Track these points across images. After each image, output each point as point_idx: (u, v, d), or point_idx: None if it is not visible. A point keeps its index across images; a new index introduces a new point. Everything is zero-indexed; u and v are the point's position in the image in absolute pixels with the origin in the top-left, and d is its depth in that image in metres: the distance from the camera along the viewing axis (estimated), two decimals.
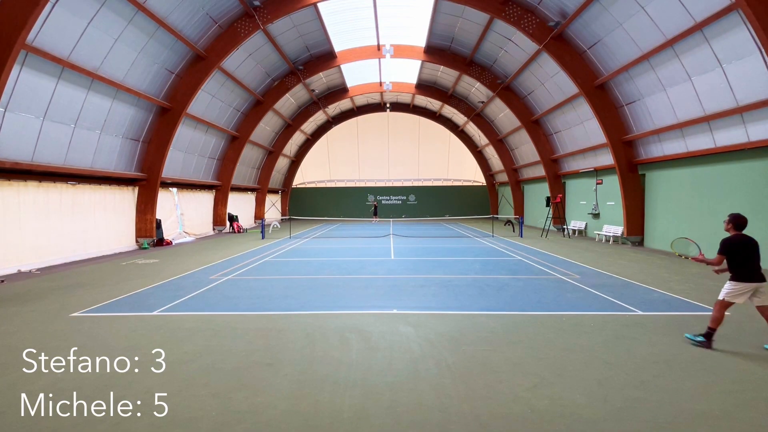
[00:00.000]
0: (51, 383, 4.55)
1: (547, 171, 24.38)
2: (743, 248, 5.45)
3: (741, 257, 5.43)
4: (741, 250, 5.44)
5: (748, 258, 5.42)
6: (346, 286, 9.64)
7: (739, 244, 5.47)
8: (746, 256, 5.42)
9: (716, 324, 5.52)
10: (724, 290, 5.53)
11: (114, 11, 12.61)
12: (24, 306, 7.99)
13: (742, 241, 5.48)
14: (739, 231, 5.60)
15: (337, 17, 20.70)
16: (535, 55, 19.43)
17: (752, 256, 5.43)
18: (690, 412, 3.92)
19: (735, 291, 5.45)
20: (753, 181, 11.93)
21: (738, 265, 5.45)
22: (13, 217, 11.89)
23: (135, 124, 16.23)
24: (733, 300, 5.47)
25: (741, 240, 5.50)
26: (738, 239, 5.52)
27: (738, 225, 5.60)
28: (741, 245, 5.46)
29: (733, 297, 5.46)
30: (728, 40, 11.10)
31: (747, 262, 5.41)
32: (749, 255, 5.42)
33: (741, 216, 5.63)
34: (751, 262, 5.42)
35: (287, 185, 37.75)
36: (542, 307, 7.69)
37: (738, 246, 5.47)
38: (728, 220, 5.69)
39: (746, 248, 5.44)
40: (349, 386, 4.48)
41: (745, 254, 5.43)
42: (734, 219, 5.63)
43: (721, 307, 5.54)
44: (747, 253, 5.43)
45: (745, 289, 5.40)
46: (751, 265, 5.41)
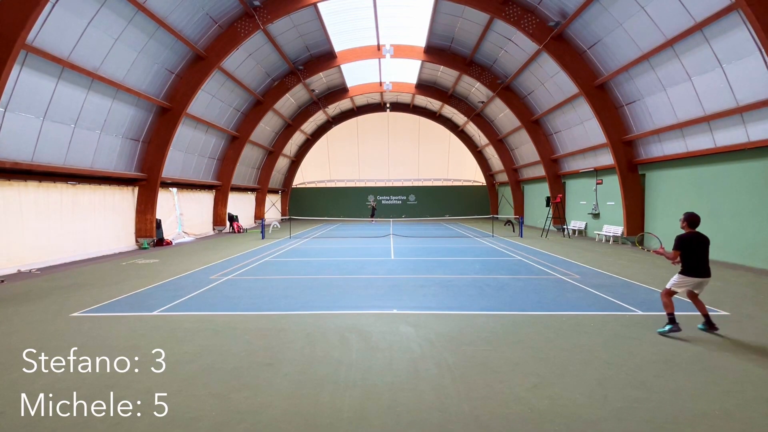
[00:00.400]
0: (51, 383, 4.55)
1: (547, 171, 24.38)
2: (695, 245, 5.87)
3: (692, 253, 5.87)
4: (692, 247, 5.87)
5: (698, 254, 5.86)
6: (346, 286, 9.64)
7: (691, 241, 5.89)
8: (696, 252, 5.86)
9: (669, 309, 5.96)
10: (672, 281, 6.01)
11: (114, 11, 12.61)
12: (24, 306, 7.99)
13: (694, 239, 5.90)
14: (692, 229, 5.99)
15: (337, 17, 20.71)
16: (535, 55, 19.43)
17: (702, 253, 5.87)
18: (690, 412, 3.92)
19: (682, 283, 5.95)
20: (753, 181, 11.93)
21: (688, 260, 5.89)
22: (13, 218, 11.89)
23: (135, 124, 16.23)
24: (677, 290, 5.99)
25: (693, 237, 5.92)
26: (690, 236, 5.93)
27: (692, 223, 5.98)
28: (693, 242, 5.88)
29: (678, 287, 5.98)
30: (728, 40, 11.10)
31: (696, 257, 5.86)
32: (699, 251, 5.86)
33: (695, 215, 6.01)
34: (701, 258, 5.86)
35: (287, 185, 37.75)
36: (542, 307, 7.69)
37: (689, 243, 5.88)
38: (683, 218, 6.06)
39: (697, 245, 5.87)
40: (349, 386, 4.48)
41: (696, 250, 5.86)
42: (688, 217, 6.01)
43: (666, 295, 6.03)
44: (697, 249, 5.86)
45: (691, 282, 5.90)
46: (699, 260, 5.85)
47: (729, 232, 12.65)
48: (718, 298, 8.17)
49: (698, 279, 5.85)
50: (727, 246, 12.65)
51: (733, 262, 12.34)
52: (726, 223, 12.78)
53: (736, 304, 7.79)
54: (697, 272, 5.83)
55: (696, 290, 5.97)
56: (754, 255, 11.77)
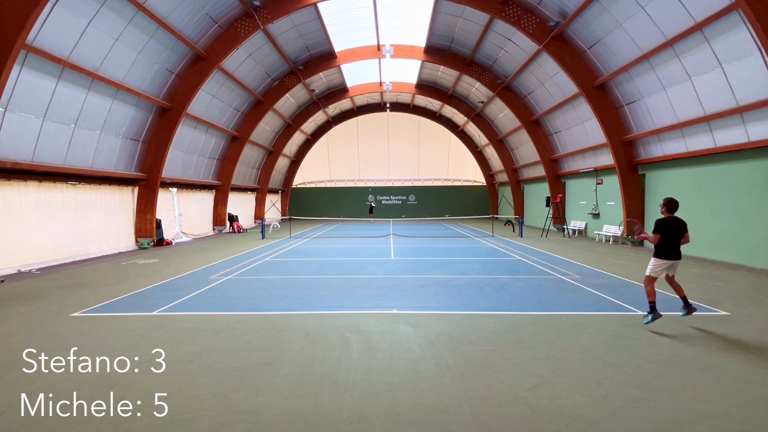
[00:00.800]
0: (51, 383, 4.55)
1: (547, 171, 24.38)
2: (672, 229, 6.15)
3: (669, 236, 6.13)
4: (670, 231, 6.14)
5: (673, 237, 6.13)
6: (346, 286, 9.64)
7: (670, 225, 6.16)
8: (672, 235, 6.13)
9: (652, 297, 6.23)
10: (650, 267, 6.29)
11: (114, 11, 12.61)
12: (24, 306, 8.00)
13: (672, 223, 6.17)
14: (671, 213, 6.26)
15: (337, 17, 20.70)
16: (535, 55, 19.43)
17: (677, 237, 6.14)
18: (690, 412, 3.92)
19: (658, 267, 6.21)
20: (753, 181, 11.93)
21: (664, 243, 6.14)
22: (13, 218, 11.89)
23: (135, 124, 16.23)
24: (657, 275, 6.25)
25: (672, 221, 6.19)
26: (670, 221, 6.19)
27: (670, 208, 6.26)
28: (671, 226, 6.16)
29: (657, 272, 6.24)
30: (728, 40, 11.10)
31: (670, 240, 6.13)
32: (675, 235, 6.14)
33: (673, 199, 6.29)
34: (674, 242, 6.13)
35: (287, 185, 37.75)
36: (542, 307, 7.69)
37: (668, 226, 6.15)
38: (663, 203, 6.33)
39: (674, 229, 6.15)
40: (349, 386, 4.48)
41: (673, 234, 6.13)
42: (667, 203, 6.28)
43: (649, 282, 6.31)
44: (674, 233, 6.14)
45: (665, 264, 6.18)
46: (672, 243, 6.13)
47: (729, 232, 12.64)
48: (718, 298, 8.17)
49: (671, 261, 6.13)
50: (727, 246, 12.65)
51: (733, 262, 12.33)
52: (726, 223, 12.77)
53: (736, 304, 7.78)
54: (670, 254, 6.11)
55: (670, 273, 6.25)
56: (754, 255, 11.77)
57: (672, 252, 6.13)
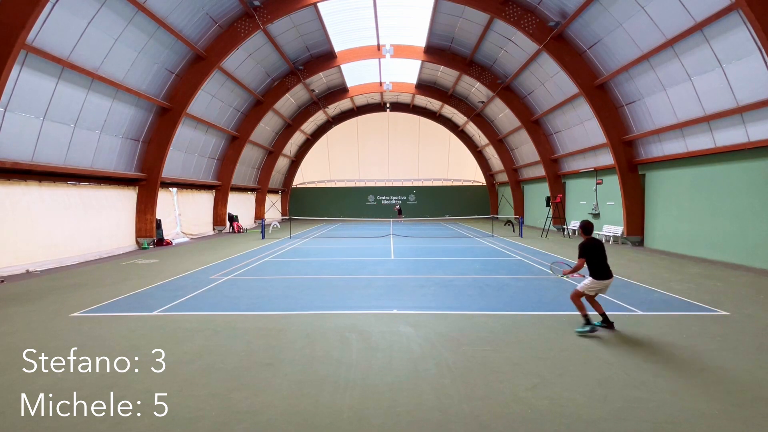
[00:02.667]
0: (51, 383, 4.55)
1: (547, 171, 24.38)
2: (594, 249, 6.12)
3: (594, 257, 6.09)
4: (593, 252, 6.11)
5: (600, 257, 6.09)
6: (346, 286, 9.64)
7: (591, 247, 6.15)
8: (598, 256, 6.10)
9: (583, 310, 6.11)
10: (583, 284, 6.17)
11: (114, 11, 12.61)
12: (24, 306, 7.99)
13: (592, 244, 6.17)
14: (588, 235, 6.30)
15: (337, 17, 20.70)
16: (535, 55, 19.43)
17: (602, 256, 6.11)
18: (690, 412, 3.92)
19: (594, 287, 6.11)
20: (753, 181, 11.93)
21: (594, 264, 6.08)
22: (13, 218, 11.87)
23: (135, 124, 16.23)
24: (588, 293, 6.16)
25: (591, 243, 6.19)
26: (590, 242, 6.20)
27: (586, 230, 6.34)
28: (592, 247, 6.14)
29: (590, 291, 6.15)
30: (728, 40, 11.10)
31: (599, 261, 6.07)
32: (600, 255, 6.11)
33: (587, 222, 6.36)
34: (602, 262, 6.08)
35: (287, 185, 37.75)
36: (542, 307, 7.69)
37: (590, 248, 6.14)
38: (579, 227, 6.46)
39: (596, 249, 6.12)
40: (349, 386, 4.48)
41: (597, 254, 6.10)
42: (582, 226, 6.37)
43: (576, 296, 6.19)
44: (597, 253, 6.11)
45: (601, 285, 6.09)
46: (602, 264, 6.07)
47: (729, 232, 12.64)
48: (718, 298, 8.16)
49: (607, 281, 6.07)
50: (727, 246, 12.65)
51: (733, 262, 12.33)
52: (726, 223, 12.77)
53: (736, 304, 7.78)
54: (605, 275, 6.04)
55: (602, 292, 6.23)
56: (754, 255, 11.77)
57: (606, 272, 6.05)
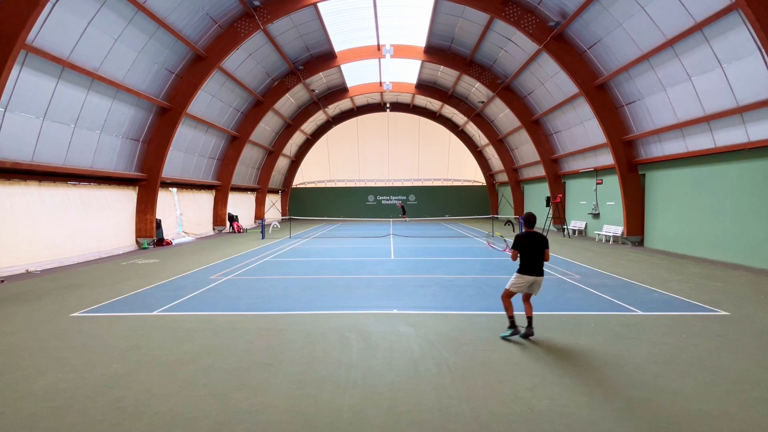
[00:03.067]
0: (51, 383, 4.55)
1: (547, 171, 24.39)
2: (530, 244, 5.86)
3: (526, 252, 5.85)
4: (526, 246, 5.86)
5: (531, 253, 5.84)
6: (346, 286, 9.64)
7: (526, 241, 5.88)
8: (530, 252, 5.84)
9: (510, 312, 5.89)
10: (510, 280, 5.99)
11: (114, 11, 12.61)
12: (24, 306, 7.99)
13: (528, 238, 5.90)
14: (529, 228, 6.04)
15: (337, 17, 20.70)
16: (535, 55, 19.43)
17: (535, 252, 5.84)
18: (690, 412, 3.92)
19: (518, 282, 5.90)
20: (753, 181, 11.93)
21: (523, 259, 5.88)
22: (13, 218, 11.87)
23: (135, 124, 16.23)
24: (515, 290, 5.93)
25: (528, 237, 5.91)
26: (525, 235, 5.93)
27: (527, 222, 6.09)
28: (527, 241, 5.87)
29: (516, 288, 5.92)
30: (728, 40, 11.10)
31: (529, 256, 5.84)
32: (533, 250, 5.84)
33: (530, 215, 6.11)
34: (533, 257, 5.83)
35: (287, 185, 37.75)
36: (542, 307, 7.68)
37: (524, 242, 5.88)
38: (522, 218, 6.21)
39: (528, 242, 5.86)
40: (349, 386, 4.48)
41: (530, 250, 5.84)
42: (524, 218, 6.14)
43: (506, 296, 5.96)
44: (531, 248, 5.84)
45: (525, 281, 5.86)
46: (532, 259, 5.83)
47: (729, 232, 12.64)
48: (718, 298, 8.16)
49: (531, 278, 5.83)
50: (727, 246, 12.65)
51: (733, 262, 12.33)
52: (726, 223, 12.77)
53: (736, 304, 7.78)
54: (530, 270, 5.82)
55: (530, 290, 5.93)
56: (754, 255, 11.77)
57: (532, 268, 5.81)
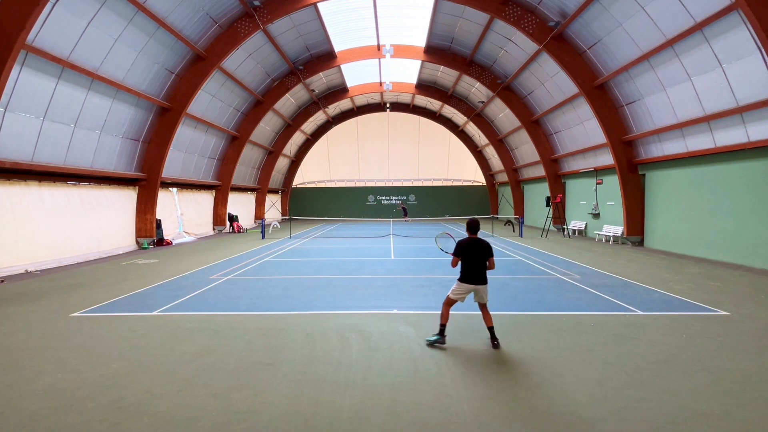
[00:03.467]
0: (51, 383, 4.55)
1: (547, 171, 24.38)
2: (469, 251, 5.68)
3: (467, 259, 5.68)
4: (467, 253, 5.69)
5: (472, 260, 5.66)
6: (346, 286, 9.64)
7: (466, 247, 5.70)
8: (470, 258, 5.67)
9: (444, 320, 5.74)
10: (452, 288, 5.81)
11: (114, 11, 12.61)
12: (24, 306, 7.99)
13: (469, 245, 5.71)
14: (472, 235, 5.82)
15: (337, 17, 20.70)
16: (535, 55, 19.43)
17: (475, 259, 5.66)
18: (690, 412, 3.92)
19: (457, 290, 5.73)
20: (753, 181, 11.93)
21: (463, 266, 5.72)
22: (13, 218, 11.87)
23: (135, 124, 16.23)
24: (454, 298, 5.75)
25: (468, 243, 5.73)
26: (466, 242, 5.74)
27: (469, 228, 5.87)
28: (467, 248, 5.70)
29: (454, 295, 5.75)
30: (728, 40, 11.10)
31: (469, 264, 5.67)
32: (473, 257, 5.66)
33: (472, 220, 5.90)
34: (473, 265, 5.65)
35: (287, 185, 37.75)
36: (542, 307, 7.69)
37: (464, 249, 5.70)
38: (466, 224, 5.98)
39: (472, 251, 5.68)
40: (349, 386, 4.48)
41: (470, 256, 5.67)
42: (467, 223, 5.92)
43: (445, 304, 5.79)
44: (472, 255, 5.67)
45: (465, 289, 5.69)
46: (472, 267, 5.65)
47: (729, 232, 12.64)
48: (718, 298, 8.16)
49: (471, 286, 5.64)
50: (727, 246, 12.64)
51: (733, 262, 12.33)
52: (726, 223, 12.77)
53: (736, 304, 7.78)
54: (469, 279, 5.63)
55: (477, 299, 5.75)
56: (754, 255, 11.77)
57: (473, 276, 5.61)
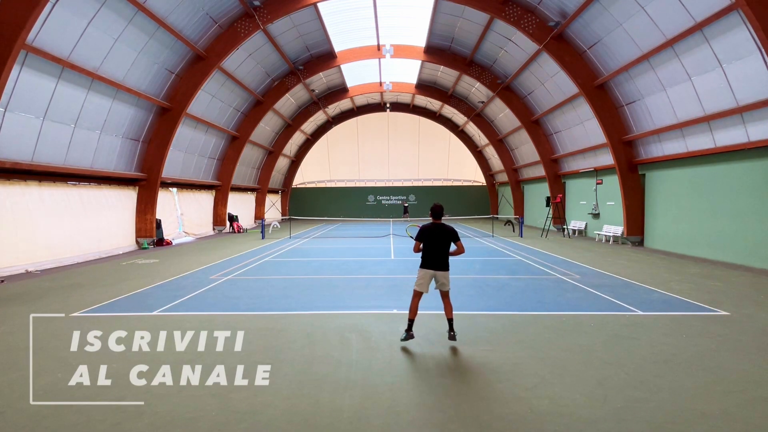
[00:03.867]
0: (51, 383, 4.55)
1: (547, 171, 24.38)
2: (430, 236, 5.65)
3: (428, 244, 5.65)
4: (428, 238, 5.65)
5: (432, 245, 5.62)
6: (346, 286, 9.64)
7: (427, 232, 5.67)
8: (432, 244, 5.62)
9: (412, 314, 5.69)
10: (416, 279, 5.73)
11: (114, 11, 12.61)
12: (24, 306, 7.99)
13: (431, 229, 5.68)
14: (436, 219, 5.78)
15: (337, 17, 20.71)
16: (535, 55, 19.43)
17: (437, 245, 5.62)
18: (690, 412, 3.92)
19: (419, 277, 5.68)
20: (753, 181, 11.93)
21: (424, 252, 5.68)
22: (13, 218, 11.87)
23: (135, 124, 16.23)
24: (418, 289, 5.67)
25: (431, 228, 5.69)
26: (428, 227, 5.71)
27: (433, 213, 5.82)
28: (429, 232, 5.66)
29: (418, 285, 5.67)
30: (728, 40, 11.10)
31: (429, 249, 5.62)
32: (435, 243, 5.62)
33: (435, 205, 5.84)
34: (434, 250, 5.61)
35: (287, 185, 37.75)
36: (542, 307, 7.69)
37: (426, 233, 5.67)
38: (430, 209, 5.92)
39: (433, 236, 5.64)
40: (349, 386, 4.48)
41: (432, 242, 5.63)
42: (431, 208, 5.86)
43: (414, 296, 5.73)
44: (434, 240, 5.63)
45: (425, 275, 5.64)
46: (432, 252, 5.61)
47: (729, 232, 12.64)
48: (718, 298, 8.16)
49: (431, 271, 5.60)
50: (727, 246, 12.64)
51: (733, 262, 12.33)
52: (726, 223, 12.77)
53: (736, 304, 7.78)
54: (429, 264, 5.60)
55: (438, 286, 5.69)
56: (754, 255, 11.77)
57: (432, 261, 5.56)
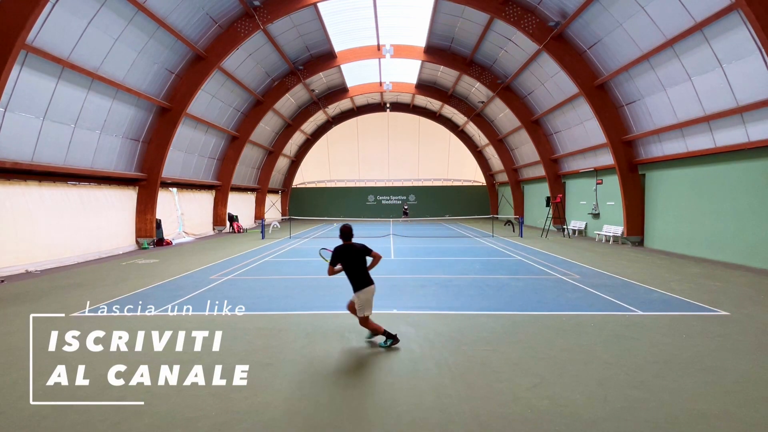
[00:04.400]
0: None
1: (547, 171, 24.38)
2: (346, 256, 5.56)
3: (347, 266, 5.58)
4: (345, 259, 5.57)
5: (354, 266, 5.56)
6: (347, 286, 9.55)
7: (341, 253, 5.58)
8: (352, 264, 5.56)
9: (380, 330, 5.62)
10: (357, 306, 5.58)
11: (114, 11, 12.61)
12: (24, 306, 7.99)
13: (346, 250, 5.58)
14: (345, 240, 5.68)
15: (337, 17, 20.71)
16: (535, 55, 19.43)
17: (360, 261, 5.58)
18: (690, 412, 3.92)
19: (361, 302, 5.52)
20: (753, 181, 11.93)
21: (351, 275, 5.60)
22: (13, 218, 11.87)
23: (135, 124, 16.23)
24: (368, 312, 5.55)
25: (343, 249, 5.59)
26: (341, 248, 5.61)
27: (342, 235, 5.71)
28: (343, 254, 5.57)
29: (360, 309, 5.53)
30: (728, 40, 11.10)
31: (353, 270, 5.57)
32: (353, 262, 5.56)
33: (344, 226, 5.73)
34: (357, 270, 5.56)
35: (287, 185, 37.74)
36: (542, 307, 7.69)
37: (340, 254, 5.58)
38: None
39: (349, 256, 5.56)
40: (349, 386, 4.48)
41: (350, 262, 5.55)
42: (340, 229, 5.74)
43: (365, 323, 5.63)
44: (351, 260, 5.55)
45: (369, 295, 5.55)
46: (357, 272, 5.56)
47: (729, 232, 12.64)
48: (718, 298, 8.16)
49: (372, 287, 5.61)
50: (727, 246, 12.64)
51: (733, 262, 12.33)
52: (726, 223, 12.77)
53: (736, 304, 7.78)
54: (363, 283, 5.55)
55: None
56: (754, 255, 11.77)
57: (363, 280, 5.56)
